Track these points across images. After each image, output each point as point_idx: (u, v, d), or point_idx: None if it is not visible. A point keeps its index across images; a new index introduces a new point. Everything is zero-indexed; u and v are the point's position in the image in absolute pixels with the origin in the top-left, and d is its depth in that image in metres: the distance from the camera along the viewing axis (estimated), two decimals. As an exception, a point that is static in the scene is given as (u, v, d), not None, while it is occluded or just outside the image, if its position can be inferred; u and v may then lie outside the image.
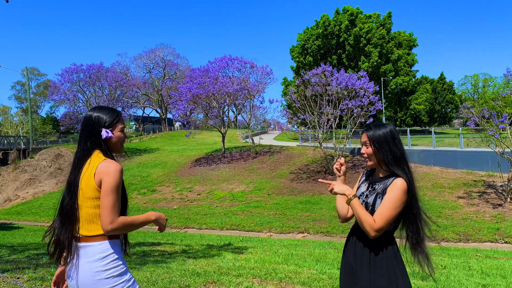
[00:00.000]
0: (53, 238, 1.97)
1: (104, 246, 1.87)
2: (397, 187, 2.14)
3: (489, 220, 13.31)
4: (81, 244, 1.88)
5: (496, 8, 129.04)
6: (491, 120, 14.57)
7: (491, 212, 13.88)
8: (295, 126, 25.72)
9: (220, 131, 29.51)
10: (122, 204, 1.91)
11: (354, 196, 2.16)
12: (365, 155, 2.29)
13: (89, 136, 1.94)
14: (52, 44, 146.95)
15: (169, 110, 57.32)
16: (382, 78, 35.49)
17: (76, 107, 34.45)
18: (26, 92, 56.75)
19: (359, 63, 42.07)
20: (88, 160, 1.92)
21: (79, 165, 1.94)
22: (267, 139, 41.63)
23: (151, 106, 60.89)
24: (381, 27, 43.04)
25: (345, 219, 2.40)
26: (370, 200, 2.22)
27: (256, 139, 32.25)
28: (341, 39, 43.60)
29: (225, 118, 30.83)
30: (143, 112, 65.11)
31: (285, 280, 5.18)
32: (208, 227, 16.13)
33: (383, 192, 2.18)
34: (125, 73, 50.33)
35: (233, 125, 47.01)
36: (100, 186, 1.85)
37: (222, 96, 27.10)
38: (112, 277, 1.87)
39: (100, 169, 1.85)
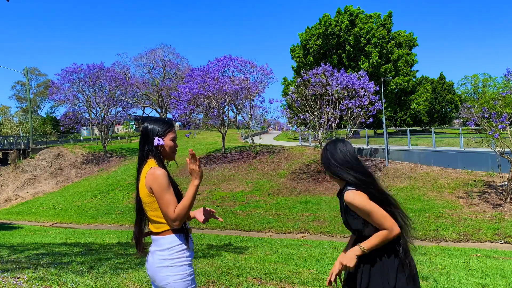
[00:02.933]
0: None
1: (172, 238, 2.16)
2: (353, 202, 2.15)
3: (489, 220, 13.30)
4: (154, 237, 2.22)
5: (496, 8, 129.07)
6: (491, 120, 14.56)
7: (491, 212, 13.88)
8: (295, 126, 25.72)
9: (220, 131, 29.50)
10: (177, 198, 2.17)
11: (363, 248, 2.15)
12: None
13: (145, 145, 2.26)
14: (53, 44, 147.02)
15: (169, 110, 57.29)
16: (382, 78, 35.39)
17: (76, 107, 34.42)
18: (26, 92, 56.84)
19: (359, 63, 42.06)
20: (142, 169, 2.22)
21: (138, 171, 2.27)
22: (267, 139, 41.63)
23: (151, 106, 60.89)
24: (382, 27, 43.02)
25: None
26: (345, 219, 2.29)
27: (256, 139, 32.24)
28: (341, 39, 43.58)
29: (225, 118, 30.83)
30: (143, 112, 65.09)
31: (285, 280, 5.18)
32: (208, 227, 16.13)
33: (347, 208, 2.22)
34: (125, 73, 50.28)
35: (233, 125, 46.99)
36: (152, 192, 2.14)
37: (222, 96, 27.09)
38: (175, 266, 2.12)
39: (147, 177, 2.16)
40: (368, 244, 2.13)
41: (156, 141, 2.24)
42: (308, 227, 14.52)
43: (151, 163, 2.22)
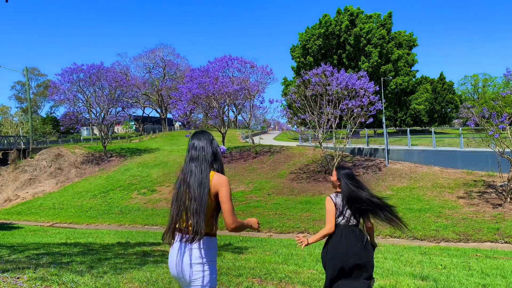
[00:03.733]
0: (171, 224, 2.44)
1: (212, 240, 2.39)
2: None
3: (489, 220, 13.30)
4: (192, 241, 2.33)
5: (496, 8, 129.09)
6: (491, 120, 14.56)
7: (491, 212, 13.88)
8: (295, 126, 25.72)
9: (220, 131, 29.50)
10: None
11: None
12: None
13: (209, 152, 2.45)
14: (53, 44, 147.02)
15: (169, 110, 57.24)
16: (382, 78, 35.34)
17: (76, 107, 34.39)
18: (26, 92, 56.81)
19: (359, 63, 42.03)
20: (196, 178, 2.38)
21: (199, 173, 2.38)
22: (267, 139, 41.62)
23: (151, 106, 60.88)
24: (382, 27, 42.99)
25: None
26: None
27: (256, 139, 32.25)
28: (341, 39, 43.55)
29: (225, 118, 30.83)
30: (143, 112, 65.10)
31: (285, 280, 5.18)
32: (208, 227, 16.11)
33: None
34: (125, 73, 50.29)
35: (233, 125, 46.98)
36: (215, 196, 2.33)
37: (222, 96, 27.09)
38: (211, 263, 2.36)
39: (214, 182, 2.33)
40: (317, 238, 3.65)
41: (223, 148, 2.52)
42: (308, 227, 14.51)
43: (212, 172, 2.43)
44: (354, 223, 3.48)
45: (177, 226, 2.41)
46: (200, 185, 2.34)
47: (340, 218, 3.46)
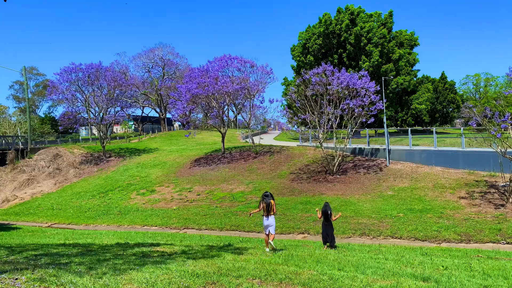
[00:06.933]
0: (264, 212, 9.05)
1: (273, 216, 9.11)
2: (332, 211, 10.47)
3: (491, 220, 13.24)
4: (271, 215, 8.98)
5: (498, 7, 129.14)
6: (493, 119, 14.49)
7: (493, 213, 13.81)
8: (295, 126, 25.66)
9: (220, 131, 29.44)
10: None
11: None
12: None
13: (270, 197, 9.18)
14: (52, 44, 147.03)
15: (168, 110, 57.17)
16: (383, 77, 35.27)
17: (74, 107, 34.28)
18: (24, 91, 56.62)
19: (360, 62, 41.97)
20: (270, 200, 9.07)
21: (267, 199, 8.99)
22: (267, 139, 41.57)
23: (150, 106, 60.74)
24: (382, 26, 42.93)
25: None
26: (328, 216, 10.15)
27: (256, 139, 32.19)
28: (342, 38, 43.49)
29: (224, 118, 30.76)
30: (142, 111, 64.98)
31: (285, 281, 5.12)
32: (208, 227, 16.05)
33: (330, 213, 10.14)
34: (124, 73, 50.15)
35: (233, 125, 46.97)
36: (272, 205, 9.10)
37: (222, 95, 27.03)
38: (274, 219, 9.16)
39: (272, 202, 9.08)
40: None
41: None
42: (309, 228, 14.45)
43: (271, 200, 9.08)
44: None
45: (265, 213, 8.86)
46: (268, 204, 8.89)
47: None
